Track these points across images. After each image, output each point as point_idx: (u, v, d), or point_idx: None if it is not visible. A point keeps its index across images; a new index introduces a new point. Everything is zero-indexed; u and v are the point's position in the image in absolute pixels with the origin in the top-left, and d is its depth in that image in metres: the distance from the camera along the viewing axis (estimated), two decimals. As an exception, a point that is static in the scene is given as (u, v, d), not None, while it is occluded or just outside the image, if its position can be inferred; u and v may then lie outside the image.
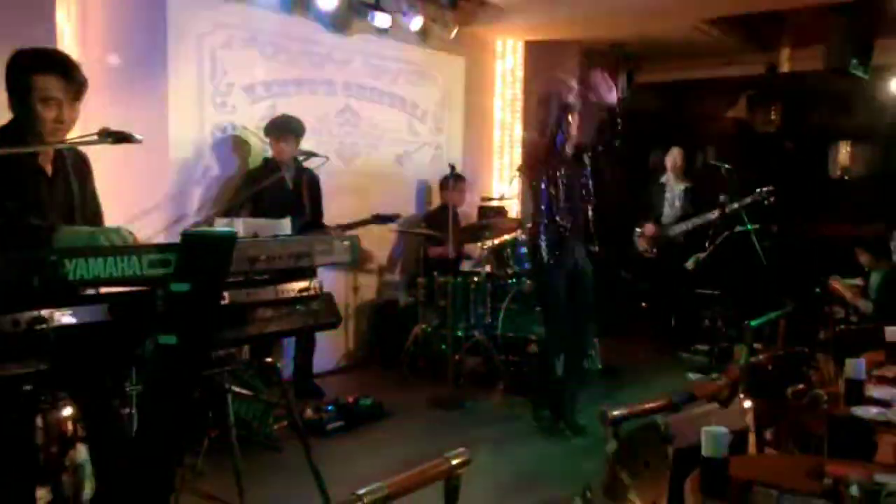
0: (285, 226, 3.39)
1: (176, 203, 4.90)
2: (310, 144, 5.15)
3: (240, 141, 5.27)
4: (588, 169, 4.56)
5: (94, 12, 4.38)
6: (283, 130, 5.00)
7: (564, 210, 4.47)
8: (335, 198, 5.54)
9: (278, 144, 5.00)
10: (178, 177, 4.93)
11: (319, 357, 5.42)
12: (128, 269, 1.97)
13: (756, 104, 9.74)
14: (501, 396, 5.34)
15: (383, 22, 5.78)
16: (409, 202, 6.60)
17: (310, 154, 5.03)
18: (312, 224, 5.01)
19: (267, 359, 4.26)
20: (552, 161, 4.46)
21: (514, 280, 5.82)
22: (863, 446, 2.34)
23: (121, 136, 2.32)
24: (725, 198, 6.18)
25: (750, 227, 5.96)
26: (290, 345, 5.28)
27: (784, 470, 2.06)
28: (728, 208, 6.10)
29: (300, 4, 5.48)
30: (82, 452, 2.49)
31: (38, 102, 2.49)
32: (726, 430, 1.96)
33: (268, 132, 5.06)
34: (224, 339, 2.47)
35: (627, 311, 7.47)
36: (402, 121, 6.51)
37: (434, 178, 6.56)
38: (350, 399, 4.79)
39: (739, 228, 6.00)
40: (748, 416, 2.56)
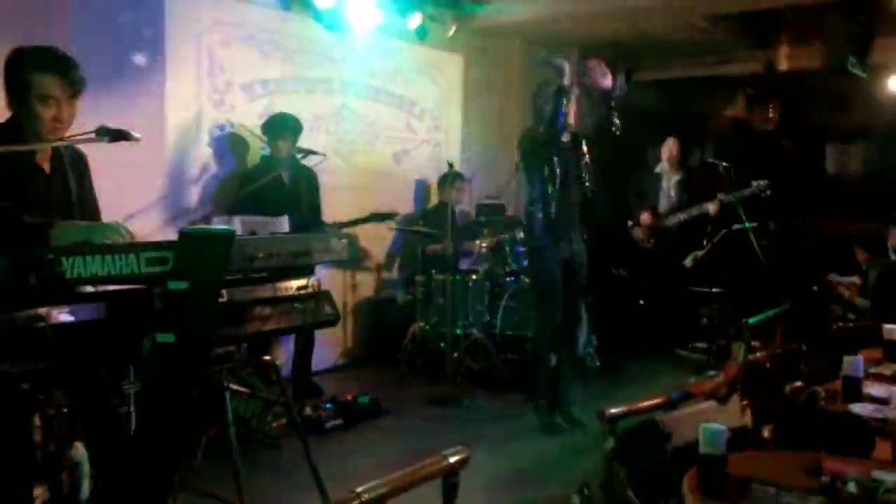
0: (283, 224, 3.39)
1: (173, 201, 4.90)
2: (308, 142, 5.15)
3: (238, 139, 5.26)
4: (585, 156, 4.56)
5: (91, 10, 4.37)
6: (281, 129, 5.00)
7: (560, 196, 4.45)
8: (333, 196, 5.53)
9: (276, 143, 4.99)
10: (176, 175, 4.92)
11: (318, 355, 5.41)
12: (125, 268, 1.98)
13: (754, 102, 9.74)
14: (499, 394, 5.34)
15: (381, 20, 5.77)
16: (408, 200, 6.60)
17: (308, 152, 5.03)
18: (310, 222, 5.00)
19: (265, 357, 4.26)
20: (549, 147, 4.44)
21: (513, 278, 5.83)
22: (860, 443, 2.35)
23: (118, 134, 2.32)
24: (724, 196, 6.21)
25: (748, 225, 5.96)
26: (289, 343, 5.27)
27: (782, 467, 2.06)
28: (725, 200, 6.15)
29: (298, 2, 5.47)
30: (80, 451, 2.48)
31: (37, 101, 2.50)
32: (724, 428, 1.96)
33: (266, 130, 5.05)
34: (222, 337, 2.47)
35: (625, 309, 7.47)
36: (401, 119, 6.51)
37: (432, 176, 6.56)
38: (348, 397, 4.80)
39: (737, 226, 6.01)
40: (746, 414, 2.57)
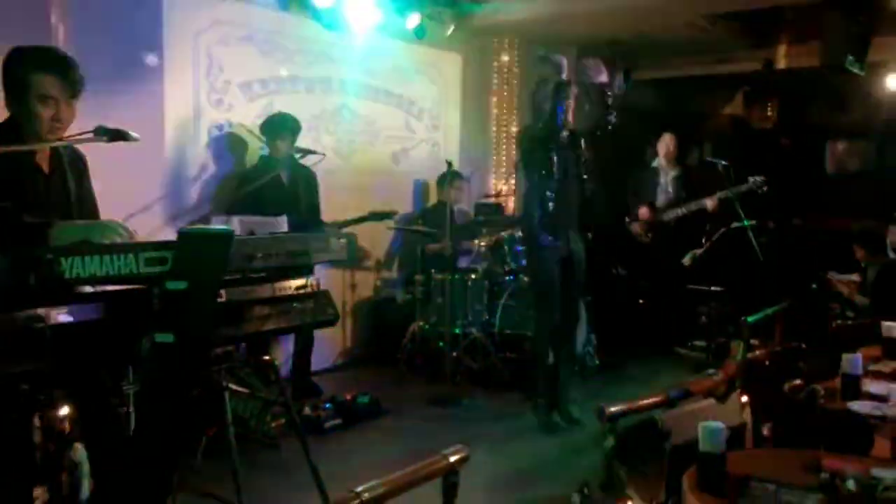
0: (282, 223, 3.39)
1: (172, 201, 4.89)
2: (307, 142, 5.15)
3: (236, 139, 5.26)
4: (584, 154, 4.56)
5: (90, 10, 4.37)
6: (280, 128, 4.99)
7: (558, 194, 4.45)
8: (332, 195, 5.53)
9: (275, 142, 4.99)
10: (175, 175, 4.92)
11: (317, 355, 5.41)
12: (124, 267, 1.97)
13: (752, 101, 9.74)
14: (499, 393, 5.34)
15: (380, 19, 5.77)
16: (406, 199, 6.60)
17: (307, 151, 5.03)
18: (309, 221, 5.00)
19: (264, 357, 4.26)
20: (548, 145, 4.43)
21: (512, 277, 5.83)
22: (859, 441, 2.35)
23: (117, 134, 2.32)
24: (723, 192, 6.23)
25: (747, 223, 5.97)
26: (288, 342, 5.27)
27: (781, 465, 2.06)
28: (723, 195, 6.19)
29: (297, 2, 5.47)
30: (80, 451, 2.48)
31: (36, 101, 2.49)
32: (723, 426, 1.96)
33: (264, 130, 5.05)
34: (221, 337, 2.47)
35: (625, 308, 7.47)
36: (399, 118, 6.51)
37: (431, 176, 6.55)
38: (348, 396, 4.80)
39: (736, 224, 6.02)
40: (745, 412, 2.57)
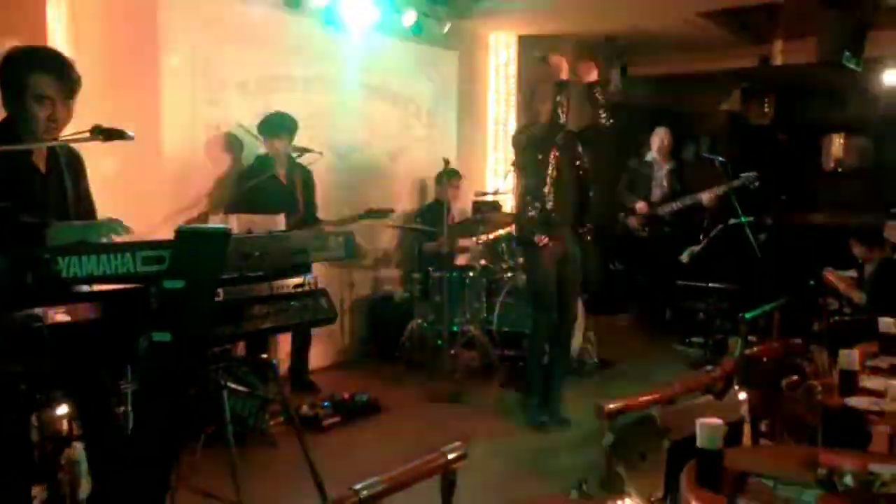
0: (279, 222, 3.39)
1: (169, 200, 4.87)
2: (303, 140, 5.13)
3: (233, 138, 5.25)
4: (580, 154, 4.56)
5: (85, 8, 4.36)
6: (277, 128, 4.98)
7: (555, 194, 4.45)
8: (329, 193, 5.53)
9: (272, 142, 4.98)
10: (172, 174, 4.91)
11: (315, 353, 5.41)
12: (121, 267, 1.97)
13: (749, 97, 9.75)
14: (497, 391, 5.34)
15: (376, 17, 5.76)
16: (404, 197, 6.60)
17: (304, 150, 5.02)
18: (307, 220, 5.00)
19: (262, 355, 4.26)
20: (545, 144, 4.43)
21: (510, 274, 5.83)
22: (857, 437, 2.36)
23: (113, 134, 2.32)
24: (718, 189, 6.26)
25: (744, 220, 5.98)
26: (286, 341, 5.27)
27: (779, 460, 2.07)
28: (719, 191, 6.27)
29: (293, 0, 5.46)
30: (78, 450, 2.49)
31: (32, 101, 2.49)
32: (721, 422, 1.97)
33: (261, 129, 5.04)
34: (219, 336, 2.47)
35: (622, 303, 7.48)
36: (396, 116, 6.50)
37: (428, 174, 6.54)
38: (346, 395, 4.80)
39: (734, 221, 6.03)
40: (743, 408, 2.58)
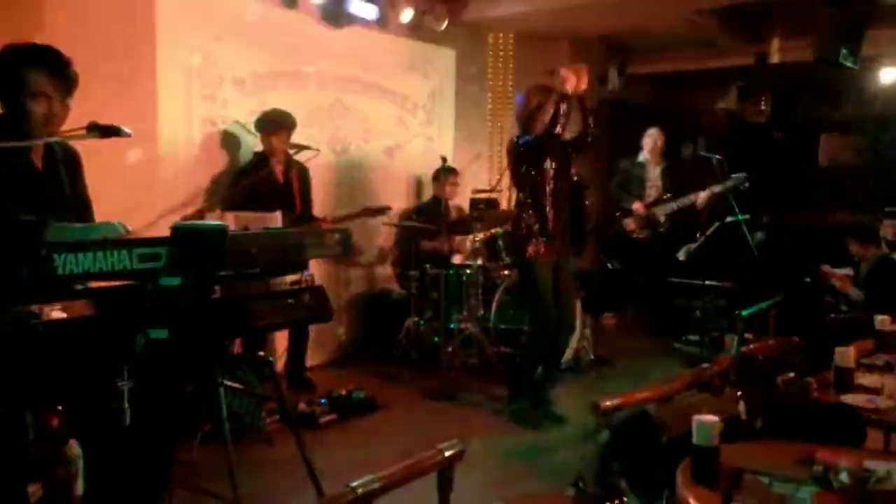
0: (276, 219, 3.39)
1: (166, 197, 4.87)
2: (300, 137, 5.13)
3: (230, 135, 5.24)
4: (574, 164, 4.56)
5: (83, 5, 4.35)
6: (275, 125, 4.98)
7: (552, 202, 4.46)
8: (326, 191, 5.52)
9: (269, 139, 4.97)
10: (168, 171, 4.90)
11: (312, 350, 5.41)
12: (118, 264, 1.97)
13: (746, 95, 9.76)
14: (494, 388, 5.34)
15: (374, 14, 5.76)
16: (401, 195, 6.59)
17: (301, 147, 5.01)
18: (303, 217, 4.99)
19: (259, 352, 4.26)
20: (543, 153, 4.44)
21: (507, 272, 5.84)
22: (852, 434, 2.36)
23: (109, 130, 2.32)
24: (710, 190, 6.27)
25: (741, 218, 5.99)
26: (283, 338, 5.27)
27: (774, 457, 2.07)
28: (711, 191, 6.29)
29: (290, -4, 5.46)
30: (75, 448, 2.48)
31: (29, 98, 2.49)
32: (717, 419, 1.97)
33: (259, 126, 5.03)
34: (215, 333, 2.47)
35: (620, 302, 7.48)
36: (393, 113, 6.50)
37: (425, 171, 6.54)
38: (343, 392, 4.79)
39: (731, 219, 6.04)
40: (739, 405, 2.58)
